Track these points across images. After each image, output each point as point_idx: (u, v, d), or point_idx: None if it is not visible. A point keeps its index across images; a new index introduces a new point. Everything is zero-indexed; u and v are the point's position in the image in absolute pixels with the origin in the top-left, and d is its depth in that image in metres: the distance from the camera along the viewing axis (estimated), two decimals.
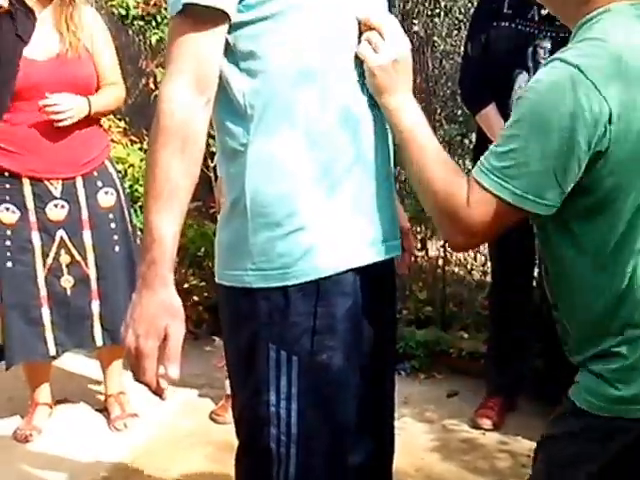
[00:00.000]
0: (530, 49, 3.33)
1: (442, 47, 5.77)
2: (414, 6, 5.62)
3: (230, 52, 1.71)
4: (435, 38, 5.88)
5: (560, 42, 3.17)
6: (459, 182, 1.72)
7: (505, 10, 3.42)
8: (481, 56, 3.49)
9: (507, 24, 3.40)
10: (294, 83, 1.72)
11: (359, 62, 1.79)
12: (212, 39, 1.65)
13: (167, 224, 1.63)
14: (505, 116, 3.29)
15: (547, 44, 3.31)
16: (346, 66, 1.77)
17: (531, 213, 1.67)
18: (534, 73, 3.23)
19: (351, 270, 1.81)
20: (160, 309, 1.62)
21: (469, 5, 5.35)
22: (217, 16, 1.65)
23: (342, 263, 1.80)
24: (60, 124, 3.36)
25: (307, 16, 1.70)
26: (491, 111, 3.43)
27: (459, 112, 5.70)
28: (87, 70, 3.49)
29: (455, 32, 5.90)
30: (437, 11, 5.72)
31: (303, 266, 1.77)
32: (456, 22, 5.89)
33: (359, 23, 1.77)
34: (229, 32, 1.69)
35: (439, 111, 6.16)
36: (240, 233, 1.79)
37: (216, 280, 1.89)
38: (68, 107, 3.38)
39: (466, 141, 5.05)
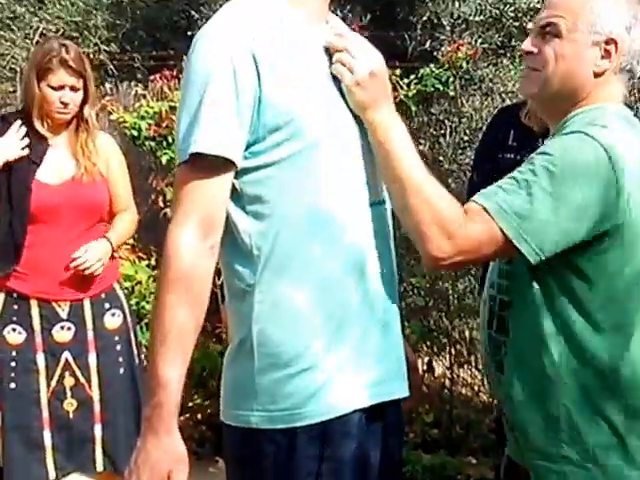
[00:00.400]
0: None
1: (447, 166, 5.86)
2: (420, 126, 5.73)
3: (237, 196, 1.74)
4: (441, 158, 5.98)
5: None
6: (451, 198, 1.83)
7: (510, 142, 3.47)
8: (486, 185, 3.52)
9: (512, 156, 3.44)
10: (300, 227, 1.74)
11: (368, 202, 1.81)
12: (219, 186, 1.69)
13: (172, 368, 1.63)
14: None
15: None
16: (354, 207, 1.79)
17: (521, 255, 1.80)
18: None
19: (358, 410, 1.80)
20: (164, 455, 1.61)
21: (473, 125, 5.44)
22: (224, 164, 1.68)
23: (349, 404, 1.79)
24: (88, 271, 3.44)
25: (313, 161, 1.73)
26: None
27: None
28: (101, 195, 3.53)
29: (460, 152, 6.00)
30: (442, 132, 5.81)
31: (310, 408, 1.76)
32: (461, 142, 5.99)
33: (327, 50, 1.79)
34: (236, 177, 1.72)
35: None
36: (246, 373, 1.78)
37: (221, 418, 1.87)
38: (96, 259, 3.45)
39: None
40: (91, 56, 6.40)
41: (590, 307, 1.86)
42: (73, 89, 3.41)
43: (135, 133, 4.83)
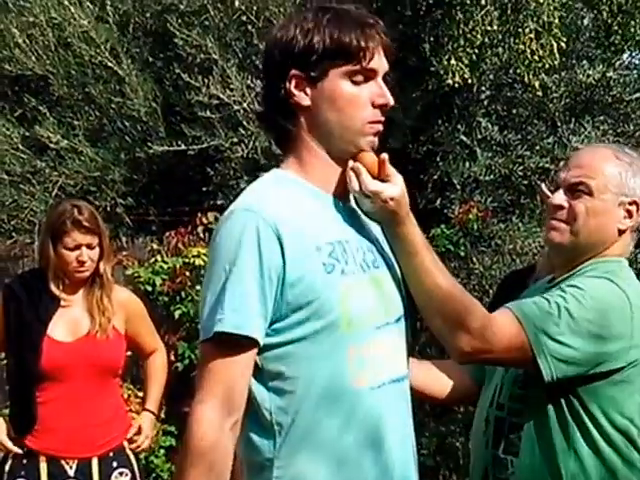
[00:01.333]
0: None
1: None
2: None
3: (258, 371, 1.74)
4: None
5: None
6: (476, 302, 1.94)
7: None
8: None
9: None
10: (320, 403, 1.74)
11: (389, 377, 1.81)
12: (241, 364, 1.70)
13: None
14: None
15: None
16: (373, 382, 1.79)
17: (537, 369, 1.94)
18: None
19: None
20: None
21: (483, 282, 5.47)
22: (247, 342, 1.70)
23: None
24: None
25: (333, 339, 1.74)
26: None
27: None
28: (115, 352, 3.52)
29: None
30: None
31: None
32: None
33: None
34: (257, 353, 1.73)
35: None
36: None
37: None
38: (151, 436, 3.54)
39: None
40: (108, 209, 6.55)
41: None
42: (89, 247, 3.45)
43: (149, 288, 4.89)
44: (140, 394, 5.28)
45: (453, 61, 4.76)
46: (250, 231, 1.70)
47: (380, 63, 1.80)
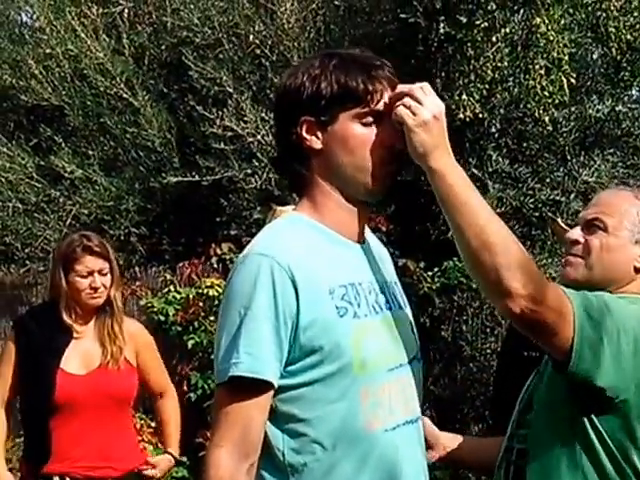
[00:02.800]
0: None
1: (469, 352, 5.89)
2: (441, 313, 5.80)
3: (272, 413, 1.76)
4: (462, 343, 6.02)
5: None
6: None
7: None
8: (509, 384, 3.51)
9: (536, 354, 3.42)
10: (333, 445, 1.75)
11: (402, 420, 1.84)
12: (257, 407, 1.72)
13: None
14: None
15: None
16: (387, 424, 1.81)
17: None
18: None
19: None
20: None
21: (495, 312, 5.50)
22: (262, 385, 1.72)
23: None
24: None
25: (346, 383, 1.74)
26: None
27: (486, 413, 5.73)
28: (127, 383, 3.54)
29: (482, 337, 6.05)
30: (464, 317, 5.89)
31: None
32: (483, 328, 6.05)
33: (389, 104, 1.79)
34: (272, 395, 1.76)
35: (466, 411, 6.22)
36: None
37: None
38: (160, 473, 3.55)
39: None
40: (122, 238, 6.61)
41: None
42: (101, 273, 3.47)
43: (162, 318, 4.92)
44: (152, 424, 5.32)
45: (464, 96, 4.82)
46: (265, 274, 1.72)
47: (388, 105, 1.81)
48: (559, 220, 3.34)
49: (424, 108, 1.75)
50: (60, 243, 3.80)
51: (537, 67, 4.80)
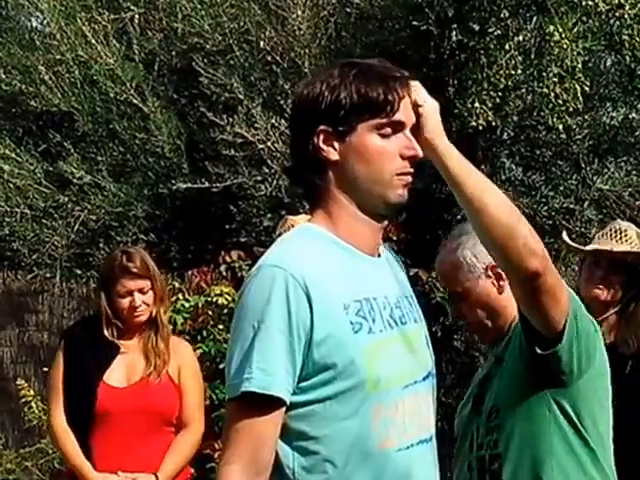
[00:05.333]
0: None
1: (482, 361, 5.85)
2: (454, 322, 5.76)
3: (282, 430, 1.71)
4: (476, 354, 5.98)
5: None
6: None
7: None
8: None
9: None
10: (345, 464, 1.70)
11: (417, 438, 1.79)
12: (269, 424, 1.68)
13: None
14: None
15: None
16: (401, 440, 1.77)
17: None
18: None
19: None
20: None
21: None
22: (274, 402, 1.67)
23: None
24: None
25: (359, 400, 1.70)
26: None
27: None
28: (169, 400, 3.48)
29: None
30: None
31: None
32: None
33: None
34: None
35: None
36: None
37: None
38: None
39: None
40: (129, 245, 6.58)
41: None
42: (141, 292, 3.46)
43: (170, 327, 4.87)
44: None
45: (477, 104, 4.77)
46: (279, 288, 1.68)
47: (407, 115, 1.78)
48: (565, 238, 3.31)
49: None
50: (104, 260, 3.80)
51: (551, 75, 4.76)
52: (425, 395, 1.84)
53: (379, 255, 1.87)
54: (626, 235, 3.04)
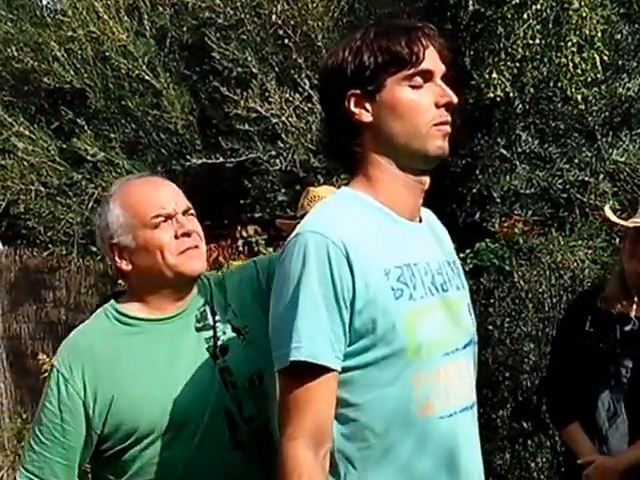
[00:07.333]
0: (612, 368, 3.29)
1: (497, 336, 5.82)
2: (470, 295, 5.74)
3: None
4: (490, 327, 5.95)
5: None
6: None
7: (587, 328, 3.41)
8: (564, 372, 3.45)
9: (589, 342, 3.38)
10: (387, 430, 1.70)
11: (460, 406, 1.79)
12: (325, 392, 1.67)
13: None
14: (591, 434, 3.22)
15: (629, 363, 3.28)
16: (443, 409, 1.76)
17: None
18: (617, 392, 3.21)
19: None
20: None
21: (523, 295, 5.43)
22: (326, 370, 1.66)
23: None
24: None
25: (399, 366, 1.70)
26: (575, 429, 3.31)
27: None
28: None
29: (508, 320, 5.98)
30: (491, 301, 5.82)
31: None
32: (509, 312, 5.98)
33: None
34: None
35: (491, 394, 6.16)
36: None
37: None
38: None
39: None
40: None
41: None
42: None
43: None
44: None
45: (494, 75, 4.74)
46: (321, 255, 1.67)
47: (435, 63, 1.75)
48: (608, 212, 3.28)
49: None
50: None
51: (569, 44, 4.71)
52: (467, 362, 1.83)
53: (420, 220, 1.86)
54: None
